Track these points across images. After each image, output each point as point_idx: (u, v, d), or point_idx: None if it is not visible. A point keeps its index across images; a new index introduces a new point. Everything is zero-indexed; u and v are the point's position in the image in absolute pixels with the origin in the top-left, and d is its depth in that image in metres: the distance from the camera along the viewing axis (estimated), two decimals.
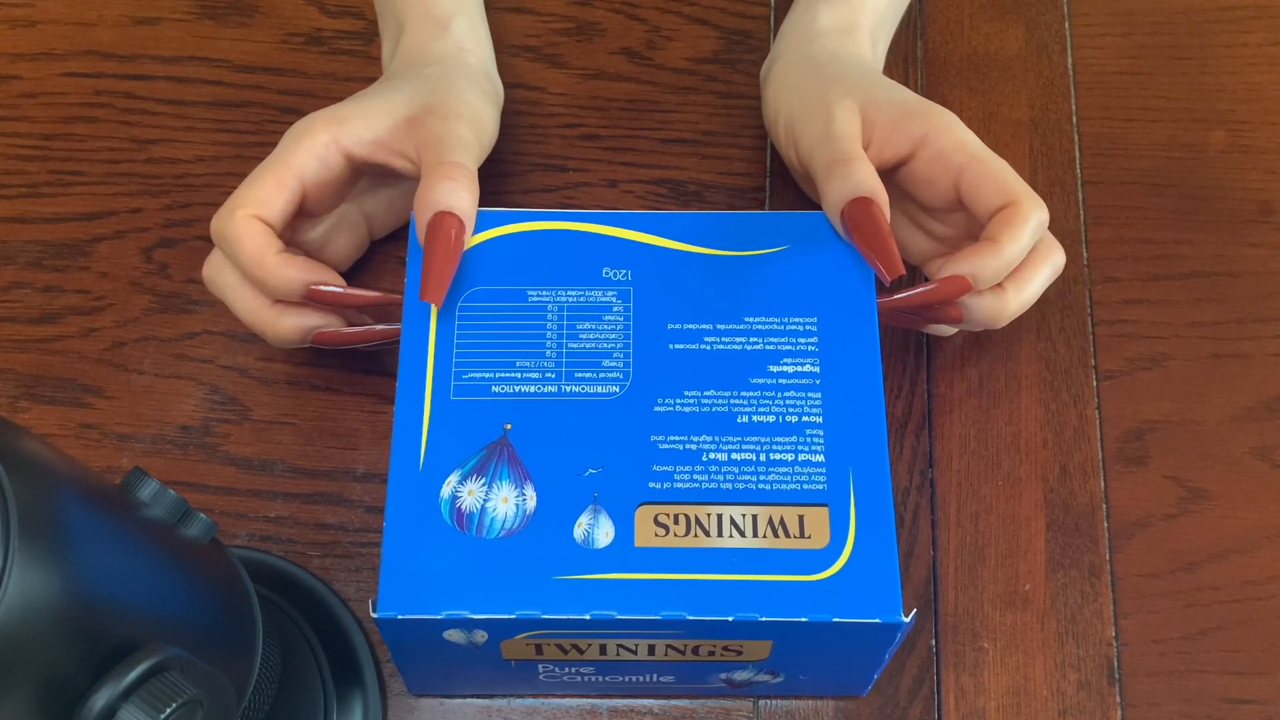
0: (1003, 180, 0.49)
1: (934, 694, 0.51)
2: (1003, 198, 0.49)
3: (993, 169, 0.50)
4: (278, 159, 0.51)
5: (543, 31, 0.65)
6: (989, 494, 0.55)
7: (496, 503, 0.44)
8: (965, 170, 0.50)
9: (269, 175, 0.50)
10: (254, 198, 0.50)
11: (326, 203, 0.53)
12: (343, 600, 0.53)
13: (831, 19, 0.57)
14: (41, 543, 0.32)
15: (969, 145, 0.50)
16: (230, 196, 0.50)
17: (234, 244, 0.49)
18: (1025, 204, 0.49)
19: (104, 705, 0.33)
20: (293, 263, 0.50)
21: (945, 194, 0.51)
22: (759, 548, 0.43)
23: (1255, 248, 0.60)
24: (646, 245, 0.49)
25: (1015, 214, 0.49)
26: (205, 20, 0.65)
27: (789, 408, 0.46)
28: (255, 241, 0.49)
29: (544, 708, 0.51)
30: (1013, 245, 0.49)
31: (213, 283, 0.52)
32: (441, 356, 0.47)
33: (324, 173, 0.51)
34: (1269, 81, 0.64)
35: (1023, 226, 0.49)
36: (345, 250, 0.56)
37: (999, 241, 0.49)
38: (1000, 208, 0.49)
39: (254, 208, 0.50)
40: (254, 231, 0.49)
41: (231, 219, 0.49)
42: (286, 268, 0.49)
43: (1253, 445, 0.56)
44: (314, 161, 0.51)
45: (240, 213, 0.49)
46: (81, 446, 0.55)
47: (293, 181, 0.50)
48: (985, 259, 0.49)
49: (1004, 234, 0.49)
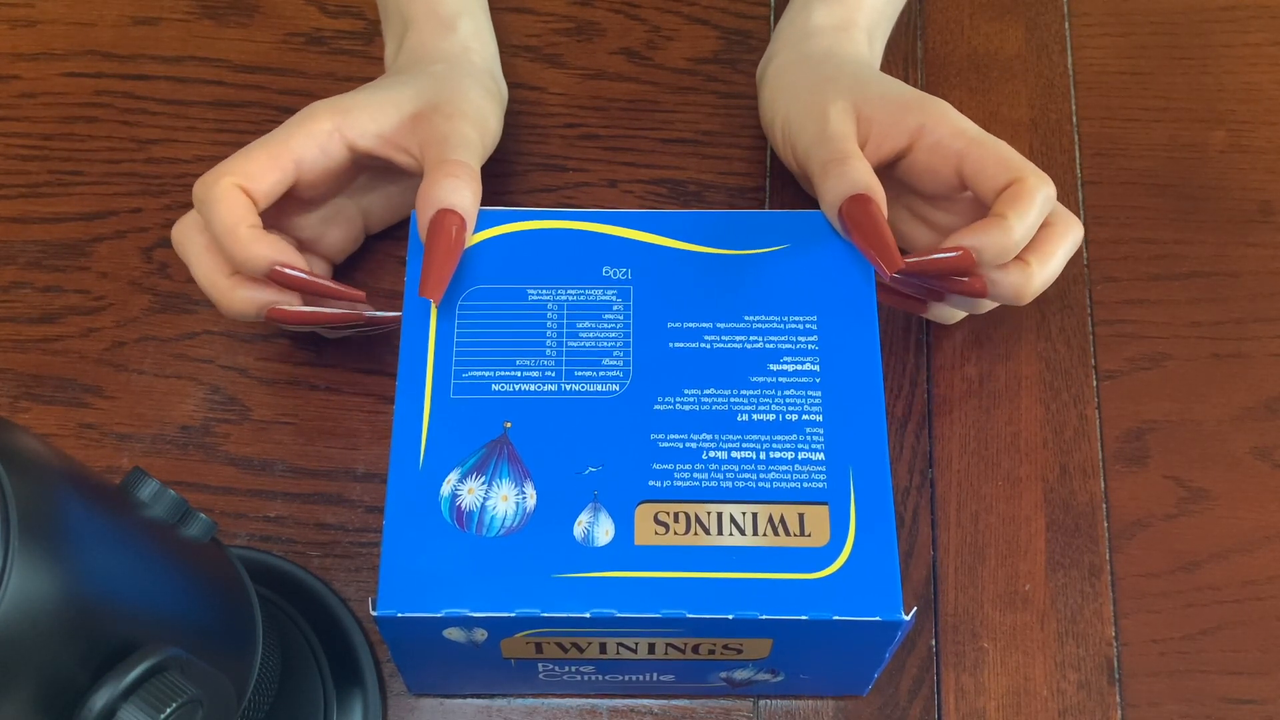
0: (1005, 158, 0.49)
1: (934, 694, 0.51)
2: (1007, 175, 0.49)
3: (994, 149, 0.50)
4: (276, 138, 0.50)
5: (543, 31, 0.65)
6: (989, 494, 0.55)
7: (496, 501, 0.44)
8: (966, 155, 0.50)
9: (263, 151, 0.50)
10: (242, 169, 0.49)
11: (323, 192, 0.53)
12: (343, 600, 0.53)
13: (827, 17, 0.57)
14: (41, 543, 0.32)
15: (967, 131, 0.50)
16: (219, 163, 0.50)
17: (210, 208, 0.49)
18: (1030, 180, 0.48)
19: (104, 705, 0.33)
20: (264, 239, 0.49)
21: (948, 182, 0.51)
22: (759, 546, 0.43)
23: (1255, 248, 0.60)
24: (646, 244, 0.49)
25: (1021, 190, 0.48)
26: (205, 20, 0.65)
27: (789, 406, 0.46)
28: (233, 211, 0.49)
29: (544, 708, 0.51)
30: (1020, 221, 0.48)
31: (179, 245, 0.52)
32: (441, 355, 0.47)
33: (323, 160, 0.51)
34: (1269, 81, 0.64)
35: (1029, 202, 0.48)
36: (339, 244, 0.56)
37: (1006, 217, 0.48)
38: (1005, 185, 0.49)
39: (240, 178, 0.49)
40: (234, 201, 0.49)
41: (215, 184, 0.49)
42: (257, 243, 0.49)
43: (1253, 445, 0.56)
44: (314, 148, 0.51)
45: (226, 180, 0.49)
46: (81, 446, 0.55)
47: (288, 162, 0.50)
48: (992, 234, 0.48)
49: (1010, 210, 0.48)
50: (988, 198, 0.50)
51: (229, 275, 0.50)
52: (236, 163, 0.50)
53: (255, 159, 0.50)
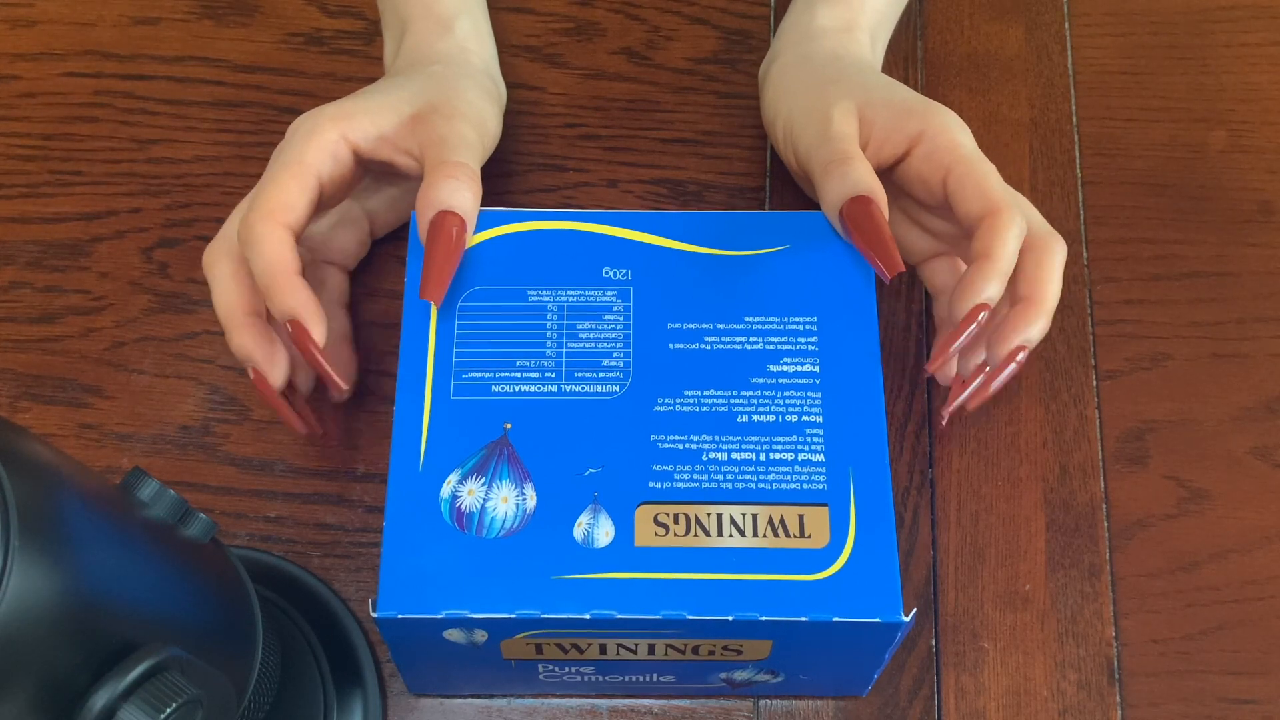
0: (984, 188, 0.49)
1: (934, 694, 0.51)
2: (982, 206, 0.49)
3: (977, 173, 0.50)
4: (292, 158, 0.50)
5: (543, 31, 0.65)
6: (989, 494, 0.55)
7: (496, 502, 0.44)
8: (952, 171, 0.50)
9: (291, 178, 0.49)
10: (281, 202, 0.49)
11: (334, 199, 0.53)
12: (343, 600, 0.53)
13: (830, 18, 0.57)
14: (41, 543, 0.32)
15: (961, 147, 0.50)
16: (257, 198, 0.49)
17: (255, 249, 0.48)
18: (1005, 213, 0.49)
19: (104, 705, 0.33)
20: (299, 293, 0.48)
21: (937, 192, 0.51)
22: (759, 547, 0.43)
23: (1255, 248, 0.60)
24: (646, 245, 0.49)
25: (997, 223, 0.49)
26: (205, 20, 0.65)
27: (789, 407, 0.46)
28: (281, 256, 0.48)
29: (544, 708, 0.51)
30: (1005, 254, 0.49)
31: (208, 266, 0.51)
32: (441, 356, 0.47)
33: (337, 169, 0.51)
34: (1269, 81, 0.64)
35: (1007, 234, 0.48)
36: (349, 247, 0.56)
37: (992, 255, 0.48)
38: (981, 216, 0.49)
39: (283, 214, 0.49)
40: (280, 244, 0.49)
41: (261, 223, 0.48)
42: (294, 294, 0.48)
43: (1253, 445, 0.56)
44: (328, 159, 0.50)
45: (270, 222, 0.49)
46: (81, 446, 0.55)
47: (313, 181, 0.50)
48: (991, 278, 0.48)
49: (994, 245, 0.48)
50: (962, 221, 0.50)
51: (247, 313, 0.50)
52: (273, 196, 0.49)
53: (287, 188, 0.49)
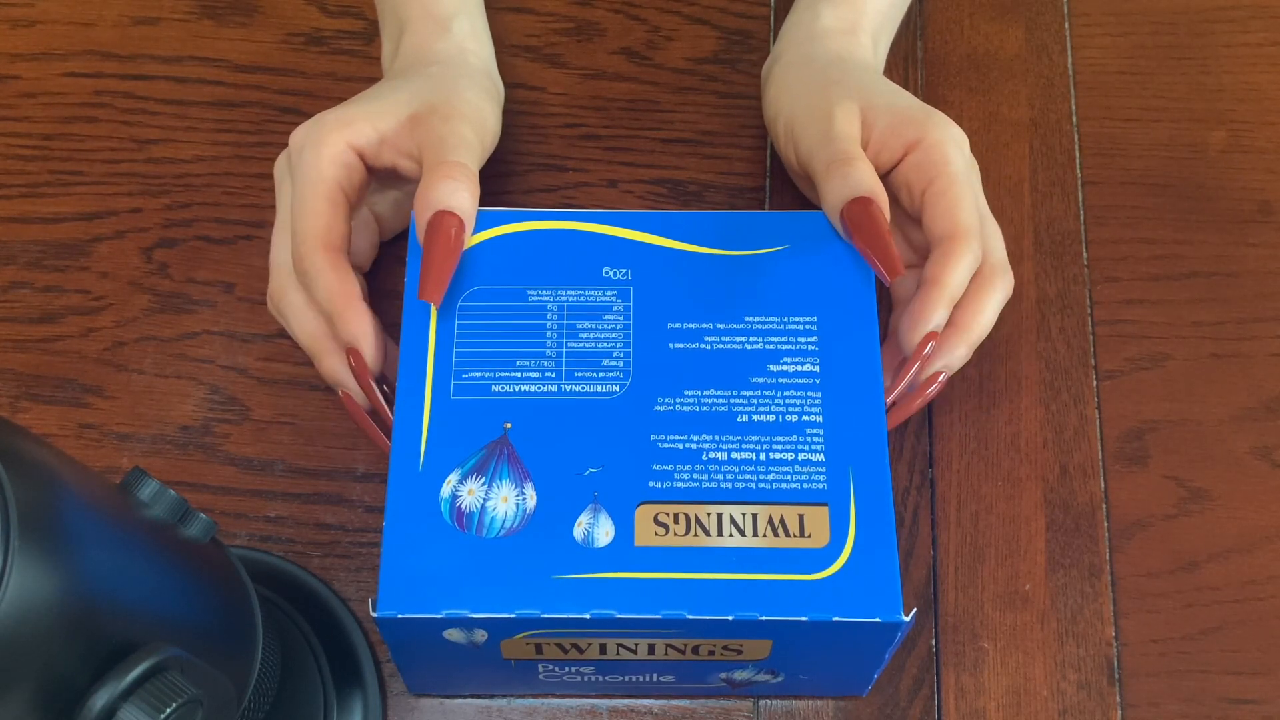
0: (955, 210, 0.49)
1: (934, 694, 0.51)
2: (945, 227, 0.49)
3: (953, 193, 0.50)
4: (314, 177, 0.50)
5: (543, 31, 0.65)
6: (989, 494, 0.55)
7: (496, 502, 0.44)
8: (933, 184, 0.50)
9: (321, 199, 0.50)
10: (323, 227, 0.49)
11: (354, 207, 0.53)
12: (343, 600, 0.53)
13: (833, 20, 0.57)
14: (41, 543, 0.32)
15: (950, 163, 0.50)
16: (297, 227, 0.49)
17: (314, 281, 0.49)
18: (962, 242, 0.49)
19: (104, 705, 0.33)
20: (361, 319, 0.49)
21: (919, 202, 0.51)
22: (759, 547, 0.43)
23: (1255, 248, 0.60)
24: (646, 245, 0.49)
25: (952, 249, 0.49)
26: (205, 20, 0.65)
27: (789, 407, 0.46)
28: (343, 285, 0.49)
29: (544, 708, 0.51)
30: (953, 281, 0.49)
31: (276, 301, 0.51)
32: (441, 356, 0.47)
33: (351, 178, 0.51)
34: (1269, 81, 0.64)
35: (959, 263, 0.49)
36: (362, 249, 0.56)
37: (940, 281, 0.49)
38: (941, 238, 0.49)
39: (329, 238, 0.49)
40: (336, 268, 0.49)
41: (312, 255, 0.49)
42: (356, 322, 0.49)
43: (1253, 445, 0.56)
44: (342, 170, 0.50)
45: (322, 248, 0.49)
46: (81, 446, 0.55)
47: (340, 197, 0.50)
48: (939, 305, 0.49)
49: (944, 272, 0.49)
50: (926, 234, 0.50)
51: (330, 338, 0.50)
52: (312, 223, 0.49)
53: (322, 212, 0.49)
